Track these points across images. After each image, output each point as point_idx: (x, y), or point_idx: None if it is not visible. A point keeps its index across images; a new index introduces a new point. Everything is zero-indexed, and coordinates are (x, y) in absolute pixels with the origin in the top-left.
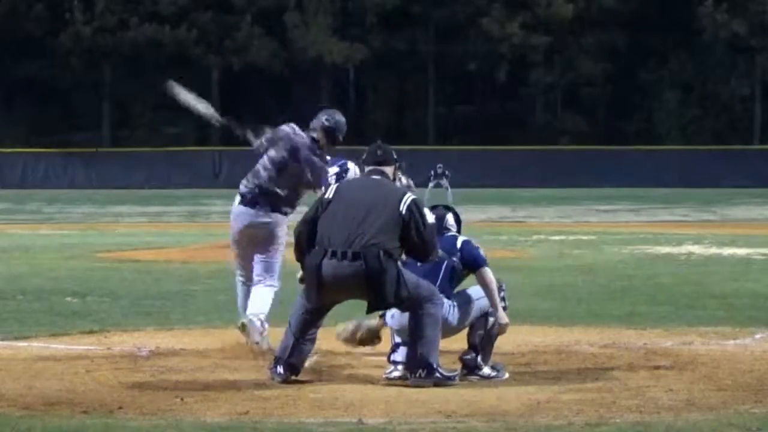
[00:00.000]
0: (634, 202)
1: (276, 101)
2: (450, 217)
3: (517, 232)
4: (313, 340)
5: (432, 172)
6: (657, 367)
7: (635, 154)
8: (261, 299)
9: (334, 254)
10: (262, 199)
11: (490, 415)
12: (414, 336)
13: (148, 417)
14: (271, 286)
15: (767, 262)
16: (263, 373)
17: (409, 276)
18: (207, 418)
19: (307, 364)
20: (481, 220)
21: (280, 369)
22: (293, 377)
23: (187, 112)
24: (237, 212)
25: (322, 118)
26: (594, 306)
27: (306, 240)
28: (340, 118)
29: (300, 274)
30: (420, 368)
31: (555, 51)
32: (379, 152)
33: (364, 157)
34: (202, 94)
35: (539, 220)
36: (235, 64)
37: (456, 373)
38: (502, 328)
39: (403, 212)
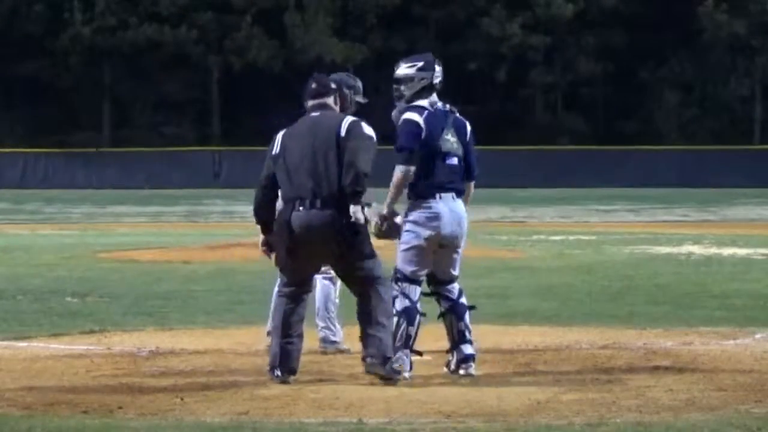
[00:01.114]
0: (634, 202)
1: (276, 101)
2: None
3: (517, 232)
4: (300, 336)
5: None
6: (657, 367)
7: (635, 154)
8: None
9: (302, 203)
10: None
11: (490, 415)
12: (369, 320)
13: (148, 417)
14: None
15: (767, 262)
16: (263, 373)
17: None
18: (207, 418)
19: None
20: (481, 220)
21: (278, 372)
22: (292, 378)
23: (186, 111)
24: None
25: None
26: (594, 306)
27: (267, 200)
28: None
29: (273, 255)
30: (378, 354)
31: (555, 51)
32: (314, 86)
33: (304, 96)
34: (202, 93)
35: (539, 220)
36: (235, 64)
37: (409, 372)
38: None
39: (342, 134)
